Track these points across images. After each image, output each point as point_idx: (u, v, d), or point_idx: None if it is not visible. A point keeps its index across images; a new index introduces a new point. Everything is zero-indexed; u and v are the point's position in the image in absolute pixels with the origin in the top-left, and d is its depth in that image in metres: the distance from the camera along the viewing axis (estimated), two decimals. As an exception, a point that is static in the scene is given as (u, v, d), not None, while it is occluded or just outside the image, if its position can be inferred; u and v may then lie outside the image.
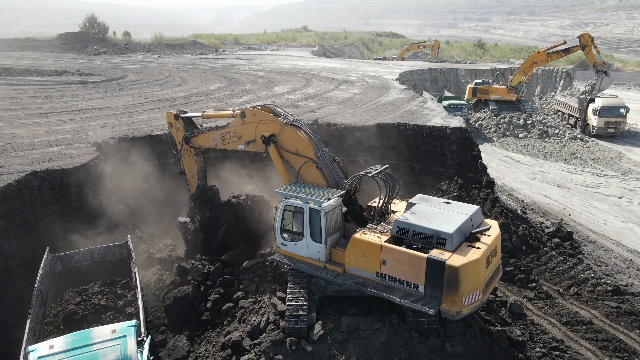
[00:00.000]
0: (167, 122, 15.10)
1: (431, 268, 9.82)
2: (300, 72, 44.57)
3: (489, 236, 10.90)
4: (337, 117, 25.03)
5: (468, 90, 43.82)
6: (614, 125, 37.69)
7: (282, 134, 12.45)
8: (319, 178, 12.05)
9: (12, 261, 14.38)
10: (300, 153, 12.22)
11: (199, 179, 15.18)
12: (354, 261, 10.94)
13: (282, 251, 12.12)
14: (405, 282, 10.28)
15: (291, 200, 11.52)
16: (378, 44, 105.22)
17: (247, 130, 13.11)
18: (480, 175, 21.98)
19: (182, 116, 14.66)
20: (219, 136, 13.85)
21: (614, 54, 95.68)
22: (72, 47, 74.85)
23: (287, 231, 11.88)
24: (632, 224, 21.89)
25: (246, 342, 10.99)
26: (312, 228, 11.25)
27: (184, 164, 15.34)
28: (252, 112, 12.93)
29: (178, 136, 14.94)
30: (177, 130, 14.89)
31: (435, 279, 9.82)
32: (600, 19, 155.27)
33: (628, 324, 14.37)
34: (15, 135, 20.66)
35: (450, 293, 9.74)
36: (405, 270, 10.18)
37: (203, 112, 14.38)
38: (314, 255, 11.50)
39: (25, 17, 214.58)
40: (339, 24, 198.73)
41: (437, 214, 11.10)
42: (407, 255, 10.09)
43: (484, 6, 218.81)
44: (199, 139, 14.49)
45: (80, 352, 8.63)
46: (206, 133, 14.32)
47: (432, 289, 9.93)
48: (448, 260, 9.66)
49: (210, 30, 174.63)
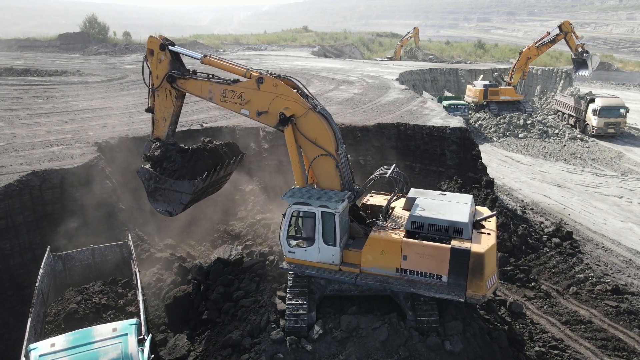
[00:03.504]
0: (148, 48, 12.52)
1: (455, 257, 10.17)
2: (300, 72, 44.58)
3: (489, 222, 11.40)
4: (337, 117, 25.05)
5: (476, 92, 42.16)
6: (614, 125, 37.73)
7: (305, 118, 11.26)
8: (333, 176, 11.45)
9: (12, 260, 14.41)
10: (319, 144, 11.29)
11: (170, 123, 13.03)
12: (372, 260, 10.92)
13: (290, 259, 11.58)
14: (428, 274, 10.53)
15: (300, 206, 11.07)
16: (378, 44, 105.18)
17: (261, 98, 11.57)
18: (480, 175, 22.02)
19: (172, 49, 12.43)
20: (218, 90, 12.05)
21: (614, 54, 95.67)
22: (73, 47, 74.84)
23: (296, 237, 11.47)
24: (632, 224, 21.93)
25: (246, 341, 11.02)
26: (324, 231, 11.01)
27: (156, 103, 12.93)
28: (274, 83, 11.36)
29: (158, 69, 12.52)
30: (158, 62, 12.48)
31: (460, 268, 10.20)
32: (600, 19, 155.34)
33: (627, 323, 14.41)
34: (16, 135, 20.69)
35: (475, 279, 10.15)
36: (427, 262, 10.45)
37: (204, 56, 12.25)
38: (327, 259, 11.24)
39: (25, 17, 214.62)
40: (339, 24, 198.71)
41: (443, 206, 11.36)
42: (431, 247, 10.36)
43: (484, 6, 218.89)
44: (189, 83, 12.44)
45: (81, 350, 8.68)
46: (201, 81, 12.32)
47: (456, 277, 10.29)
48: (472, 248, 10.12)
49: (210, 31, 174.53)
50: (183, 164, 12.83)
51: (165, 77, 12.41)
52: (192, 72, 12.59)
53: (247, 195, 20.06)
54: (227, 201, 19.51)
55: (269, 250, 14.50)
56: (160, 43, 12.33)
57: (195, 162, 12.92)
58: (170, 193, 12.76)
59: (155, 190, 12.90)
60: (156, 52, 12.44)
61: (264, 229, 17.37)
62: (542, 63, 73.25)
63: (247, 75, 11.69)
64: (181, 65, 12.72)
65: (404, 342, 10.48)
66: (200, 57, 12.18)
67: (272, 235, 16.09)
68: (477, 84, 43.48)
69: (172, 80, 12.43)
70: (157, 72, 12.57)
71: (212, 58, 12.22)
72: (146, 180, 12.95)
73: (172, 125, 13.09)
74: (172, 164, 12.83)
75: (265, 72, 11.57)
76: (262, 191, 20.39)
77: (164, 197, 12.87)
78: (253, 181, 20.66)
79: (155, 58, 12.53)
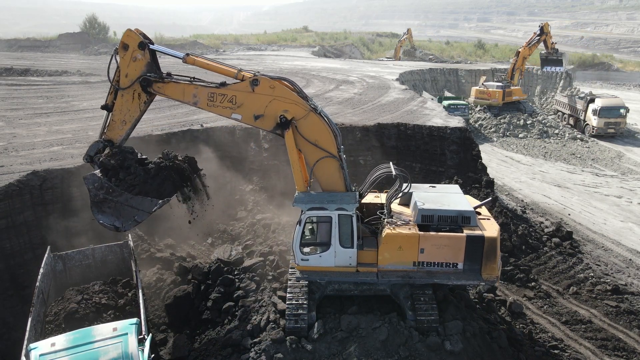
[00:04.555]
0: (122, 42, 10.98)
1: (471, 244, 10.73)
2: (301, 72, 44.60)
3: (483, 207, 12.11)
4: (337, 117, 25.05)
5: (494, 94, 40.61)
6: (614, 125, 37.74)
7: (305, 120, 10.78)
8: (336, 178, 11.19)
9: (13, 260, 14.43)
10: (320, 145, 10.94)
11: (130, 128, 11.66)
12: (389, 257, 11.04)
13: (303, 267, 11.24)
14: (444, 263, 10.97)
15: (314, 211, 10.82)
16: (378, 44, 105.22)
17: (255, 101, 10.81)
18: (480, 175, 22.04)
19: (152, 48, 11.02)
20: (204, 94, 10.96)
21: (614, 54, 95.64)
22: (73, 47, 74.95)
23: (310, 244, 11.21)
24: (632, 224, 21.94)
25: (246, 341, 11.04)
26: (341, 234, 10.89)
27: (117, 103, 11.40)
28: (270, 84, 10.68)
29: (130, 68, 11.01)
30: (132, 60, 10.96)
31: (475, 254, 10.79)
32: (600, 19, 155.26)
33: (627, 323, 14.42)
34: (16, 135, 20.70)
35: (490, 262, 10.82)
36: (444, 252, 10.87)
37: (187, 54, 11.02)
38: (343, 262, 11.10)
39: (25, 18, 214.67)
40: (339, 24, 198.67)
41: (443, 197, 11.82)
42: (447, 238, 10.79)
43: (484, 6, 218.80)
44: (168, 87, 11.09)
45: (82, 349, 8.67)
46: (184, 84, 11.09)
47: (471, 263, 10.86)
48: (485, 234, 10.75)
49: (210, 31, 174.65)
50: (146, 179, 11.57)
51: (138, 80, 11.01)
52: (166, 74, 11.28)
53: (247, 195, 20.05)
54: (227, 201, 19.50)
55: (269, 250, 14.50)
56: (140, 41, 10.88)
57: (163, 181, 11.70)
58: (124, 208, 11.38)
59: (104, 201, 11.36)
60: (132, 48, 10.94)
61: (264, 229, 17.35)
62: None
63: (238, 76, 10.92)
64: (157, 67, 11.34)
65: (404, 342, 10.49)
66: (182, 56, 10.99)
67: (272, 235, 16.09)
68: (489, 85, 41.79)
69: (148, 84, 11.07)
70: (129, 70, 11.08)
71: (197, 57, 11.12)
72: (94, 189, 11.30)
73: (130, 130, 11.76)
74: (131, 177, 11.49)
75: (258, 73, 10.91)
76: (262, 191, 20.38)
77: (114, 210, 11.42)
78: (253, 181, 20.65)
79: (129, 55, 11.00)
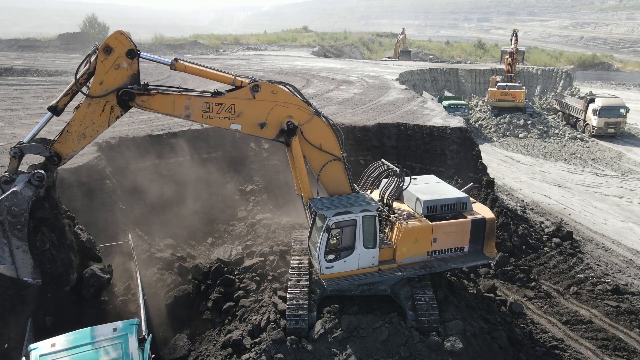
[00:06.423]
0: (106, 43, 9.33)
1: (475, 227, 11.75)
2: (301, 72, 44.59)
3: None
4: (338, 117, 25.04)
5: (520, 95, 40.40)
6: (614, 125, 37.75)
7: (309, 124, 10.47)
8: (343, 180, 11.12)
9: (13, 260, 14.37)
10: (325, 149, 10.77)
11: (87, 144, 10.14)
12: (406, 251, 11.47)
13: (327, 275, 10.90)
14: (453, 248, 11.84)
15: (340, 216, 10.51)
16: (378, 44, 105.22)
17: (256, 109, 10.17)
18: (480, 175, 22.04)
19: (144, 56, 9.79)
20: (198, 105, 9.89)
21: (614, 54, 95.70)
22: (73, 47, 74.94)
23: (335, 250, 10.89)
24: (632, 224, 21.93)
25: (247, 341, 11.03)
26: (365, 236, 10.85)
27: (79, 112, 9.83)
28: (272, 89, 10.12)
29: (108, 75, 9.47)
30: (114, 67, 9.43)
31: (478, 235, 11.84)
32: (600, 19, 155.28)
33: (628, 323, 14.42)
34: (16, 135, 20.67)
35: (490, 241, 12.01)
36: (453, 238, 11.75)
37: (176, 61, 9.86)
38: (367, 263, 11.13)
39: (25, 18, 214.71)
40: (339, 24, 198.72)
41: (432, 187, 12.72)
42: (455, 225, 11.66)
43: (484, 6, 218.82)
44: (155, 100, 9.78)
45: (82, 350, 8.66)
46: (173, 95, 9.86)
47: (474, 244, 11.89)
48: (486, 216, 11.90)
49: (210, 31, 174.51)
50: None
51: (116, 91, 9.54)
52: (144, 84, 9.80)
53: (247, 195, 20.05)
54: (227, 201, 19.50)
55: (269, 250, 14.48)
56: (130, 48, 9.45)
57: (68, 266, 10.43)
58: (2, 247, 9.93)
59: None
60: (117, 54, 9.42)
61: (264, 229, 17.34)
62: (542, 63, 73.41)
63: (235, 83, 10.10)
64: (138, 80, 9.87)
65: (404, 342, 10.48)
66: (169, 62, 9.85)
67: (272, 235, 16.08)
68: (510, 86, 41.08)
69: (130, 98, 9.62)
70: (105, 78, 9.53)
71: (188, 63, 9.96)
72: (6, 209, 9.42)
73: (85, 146, 10.21)
74: (40, 237, 10.13)
75: (253, 77, 10.29)
76: (262, 191, 20.37)
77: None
78: (253, 181, 20.64)
79: (111, 60, 9.44)
